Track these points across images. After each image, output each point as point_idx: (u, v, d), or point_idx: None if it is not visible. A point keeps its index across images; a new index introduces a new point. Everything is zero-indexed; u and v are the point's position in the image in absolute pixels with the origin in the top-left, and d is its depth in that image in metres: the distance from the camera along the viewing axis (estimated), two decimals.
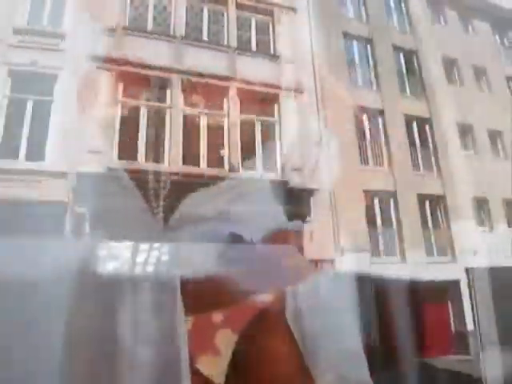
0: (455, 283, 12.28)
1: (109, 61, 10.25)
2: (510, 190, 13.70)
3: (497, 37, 17.57)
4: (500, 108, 15.21)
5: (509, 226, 13.80)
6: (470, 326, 11.87)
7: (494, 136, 15.10)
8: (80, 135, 9.55)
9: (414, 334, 11.14)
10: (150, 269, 1.93)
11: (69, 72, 9.99)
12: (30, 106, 9.70)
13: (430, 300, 11.75)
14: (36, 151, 9.38)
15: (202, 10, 11.94)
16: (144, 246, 2.00)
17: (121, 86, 10.33)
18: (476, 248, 12.62)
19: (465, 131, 14.59)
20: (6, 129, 9.36)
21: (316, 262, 10.51)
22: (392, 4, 15.65)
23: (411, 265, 11.54)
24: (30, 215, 8.45)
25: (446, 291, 12.19)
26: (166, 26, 11.43)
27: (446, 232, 12.78)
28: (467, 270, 12.55)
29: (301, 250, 10.31)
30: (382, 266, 11.37)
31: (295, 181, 10.92)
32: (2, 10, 10.27)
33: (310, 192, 10.86)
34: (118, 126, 10.02)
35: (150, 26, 11.27)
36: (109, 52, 10.35)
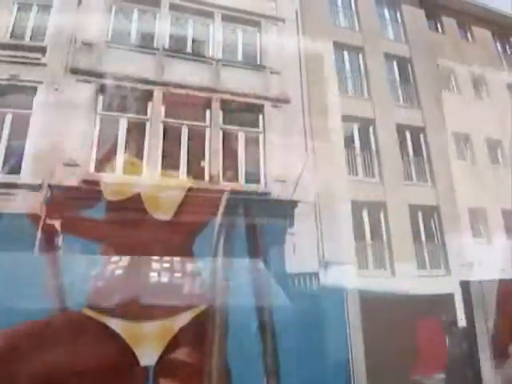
0: (449, 297, 11.83)
1: (88, 73, 10.28)
2: (509, 200, 13.22)
3: (497, 44, 17.18)
4: (500, 116, 14.77)
5: (508, 238, 13.27)
6: None
7: (493, 145, 14.65)
8: (57, 148, 9.55)
9: (405, 351, 10.73)
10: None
11: (48, 85, 10.04)
12: (8, 119, 9.74)
13: (422, 315, 11.30)
14: (12, 164, 9.38)
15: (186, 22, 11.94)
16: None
17: (100, 99, 10.32)
18: (472, 260, 12.15)
19: (461, 140, 14.19)
20: None
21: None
22: (387, 14, 15.43)
23: (401, 278, 11.15)
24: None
25: (439, 306, 11.72)
26: (150, 38, 11.44)
27: (440, 244, 12.35)
28: (462, 284, 12.13)
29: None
30: (370, 279, 11.02)
31: (278, 192, 10.72)
32: None
33: (293, 203, 10.62)
34: (96, 139, 9.98)
35: (133, 38, 11.28)
36: (89, 65, 10.38)
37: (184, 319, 1.70)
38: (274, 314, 7.84)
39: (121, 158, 10.03)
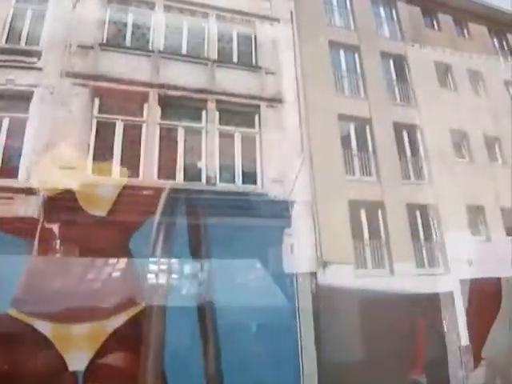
0: (448, 295, 11.82)
1: (84, 77, 10.28)
2: (508, 198, 13.19)
3: (494, 40, 17.13)
4: (498, 113, 14.75)
5: (507, 235, 13.23)
6: (463, 341, 11.40)
7: (492, 142, 14.61)
8: (54, 151, 9.55)
9: (404, 350, 10.73)
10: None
11: (44, 89, 10.04)
12: (5, 123, 9.75)
13: (421, 313, 11.28)
14: (10, 168, 9.39)
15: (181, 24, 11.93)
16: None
17: (96, 102, 10.32)
18: (471, 258, 12.12)
19: (459, 138, 14.15)
20: None
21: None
22: (382, 12, 15.39)
23: (400, 277, 11.13)
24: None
25: (438, 304, 11.71)
26: (145, 40, 11.44)
27: (439, 242, 12.32)
28: (462, 282, 12.12)
29: None
30: (369, 278, 11.00)
31: (275, 193, 10.70)
32: None
33: (290, 204, 10.61)
34: (92, 142, 9.98)
35: (128, 41, 11.28)
36: (84, 68, 10.39)
37: (118, 321, 1.59)
38: (216, 315, 7.56)
39: (117, 160, 10.07)
